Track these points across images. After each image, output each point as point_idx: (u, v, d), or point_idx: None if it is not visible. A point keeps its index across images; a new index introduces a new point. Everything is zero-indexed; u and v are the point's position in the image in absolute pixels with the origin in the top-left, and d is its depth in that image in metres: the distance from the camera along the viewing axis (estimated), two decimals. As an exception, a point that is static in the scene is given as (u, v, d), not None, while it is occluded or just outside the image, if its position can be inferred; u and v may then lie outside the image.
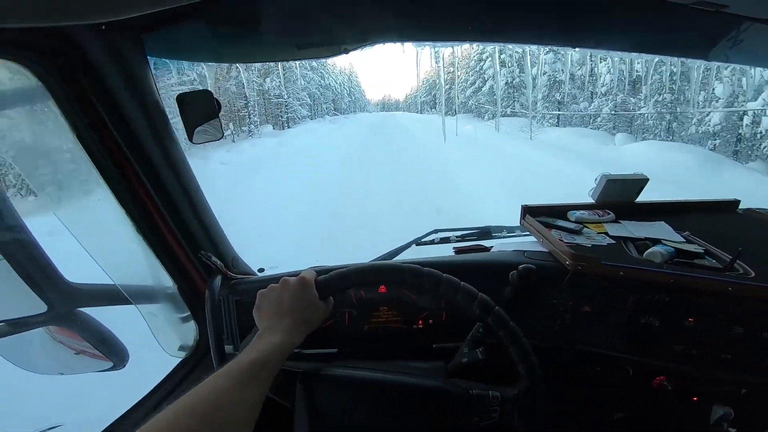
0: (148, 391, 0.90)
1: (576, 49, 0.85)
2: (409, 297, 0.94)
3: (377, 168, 9.70)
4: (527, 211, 1.04)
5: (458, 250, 1.07)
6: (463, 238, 1.15)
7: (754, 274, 0.78)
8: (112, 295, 0.86)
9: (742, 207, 1.09)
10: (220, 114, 0.78)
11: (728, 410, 0.81)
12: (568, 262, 0.84)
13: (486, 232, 1.16)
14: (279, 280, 0.98)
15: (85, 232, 0.73)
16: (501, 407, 0.63)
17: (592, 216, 0.99)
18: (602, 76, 16.83)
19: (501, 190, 6.59)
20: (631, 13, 0.72)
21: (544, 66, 19.39)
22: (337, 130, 23.13)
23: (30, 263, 0.73)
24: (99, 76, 0.61)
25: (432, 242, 1.17)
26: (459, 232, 1.17)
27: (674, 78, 13.76)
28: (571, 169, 8.52)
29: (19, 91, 0.58)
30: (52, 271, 0.77)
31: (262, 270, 1.11)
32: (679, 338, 0.81)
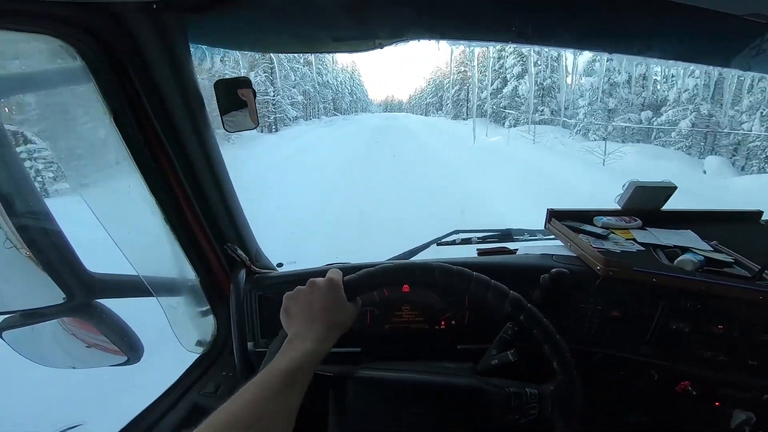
0: (165, 389, 0.87)
1: (613, 54, 0.85)
2: (432, 297, 0.93)
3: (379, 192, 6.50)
4: (553, 215, 1.04)
5: (482, 252, 1.06)
6: (484, 240, 1.15)
7: None
8: (133, 287, 0.83)
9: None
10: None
11: (750, 415, 0.83)
12: (599, 267, 0.84)
13: (507, 235, 1.16)
14: (302, 277, 0.96)
15: (113, 220, 0.70)
16: (539, 404, 0.63)
17: (619, 222, 0.99)
18: (678, 80, 13.10)
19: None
20: (677, 21, 0.71)
21: (594, 64, 15.96)
22: (329, 135, 18.70)
23: (52, 251, 0.70)
24: (143, 59, 0.59)
25: (453, 243, 1.16)
26: (480, 234, 1.16)
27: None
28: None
29: (58, 71, 0.55)
30: (74, 260, 0.74)
31: (281, 265, 1.09)
32: (708, 344, 0.82)
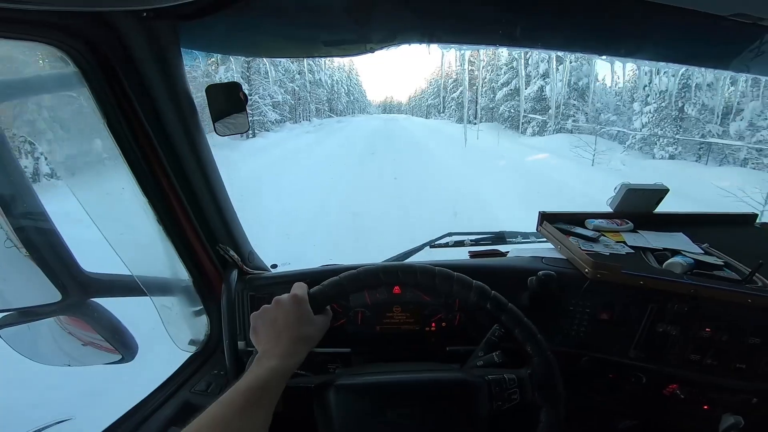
0: (156, 386, 0.88)
1: (603, 57, 0.86)
2: (423, 298, 0.94)
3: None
4: (545, 218, 1.05)
5: (473, 254, 1.07)
6: (477, 242, 1.15)
7: None
8: (127, 286, 0.85)
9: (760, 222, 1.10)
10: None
11: (738, 419, 0.83)
12: (587, 270, 0.84)
13: (500, 237, 1.16)
14: (294, 278, 0.97)
15: (108, 220, 0.72)
16: (519, 388, 0.64)
17: (611, 225, 0.99)
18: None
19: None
20: (665, 23, 0.72)
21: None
22: (311, 146, 14.13)
23: (49, 251, 0.72)
24: (135, 65, 0.61)
25: (446, 245, 1.17)
26: (473, 236, 1.17)
27: None
28: None
29: (52, 76, 0.57)
30: (70, 259, 0.76)
31: (275, 266, 1.10)
32: (696, 347, 0.81)
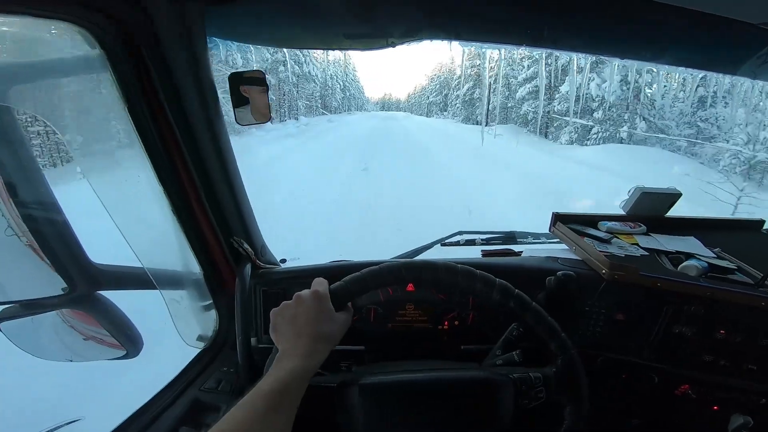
0: (166, 384, 0.85)
1: (624, 60, 0.86)
2: (437, 296, 0.93)
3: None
4: (558, 219, 1.05)
5: (486, 253, 1.07)
6: (488, 242, 1.15)
7: None
8: (136, 279, 0.82)
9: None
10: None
11: (747, 419, 0.84)
12: (604, 271, 0.85)
13: (511, 237, 1.16)
14: (307, 274, 0.95)
15: (121, 208, 0.69)
16: (545, 387, 0.63)
17: (624, 227, 1.00)
18: None
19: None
20: (690, 27, 0.73)
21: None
22: (284, 158, 10.53)
23: (57, 241, 0.68)
24: (161, 48, 0.58)
25: (457, 243, 1.16)
26: (484, 235, 1.17)
27: None
28: None
29: (71, 58, 0.54)
30: (78, 250, 0.72)
31: (284, 261, 1.08)
32: (710, 349, 0.83)
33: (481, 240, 1.15)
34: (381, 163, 9.55)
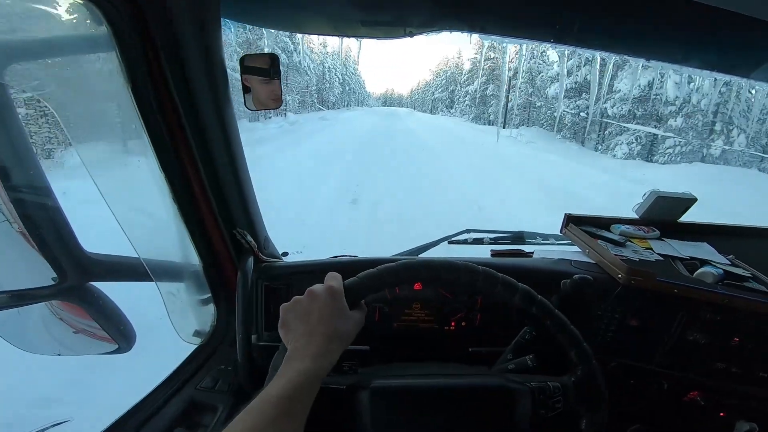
0: (160, 382, 0.81)
1: (650, 61, 0.83)
2: (444, 296, 0.90)
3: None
4: (570, 220, 1.03)
5: (495, 253, 1.04)
6: (496, 241, 1.12)
7: None
8: (131, 269, 0.77)
9: None
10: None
11: (753, 426, 0.84)
12: (620, 275, 0.83)
13: (520, 237, 1.14)
14: (310, 268, 0.91)
15: (118, 195, 0.64)
16: (563, 396, 0.61)
17: (637, 231, 0.98)
18: None
19: None
20: (726, 31, 0.70)
21: None
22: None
23: (48, 228, 0.63)
24: (172, 27, 0.54)
25: (465, 242, 1.14)
26: (492, 234, 1.14)
27: None
28: None
29: (77, 37, 0.50)
30: (71, 238, 0.67)
31: (286, 254, 1.04)
32: (723, 356, 0.82)
33: (490, 239, 1.13)
34: (368, 196, 5.92)
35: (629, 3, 0.75)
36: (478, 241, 1.13)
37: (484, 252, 1.07)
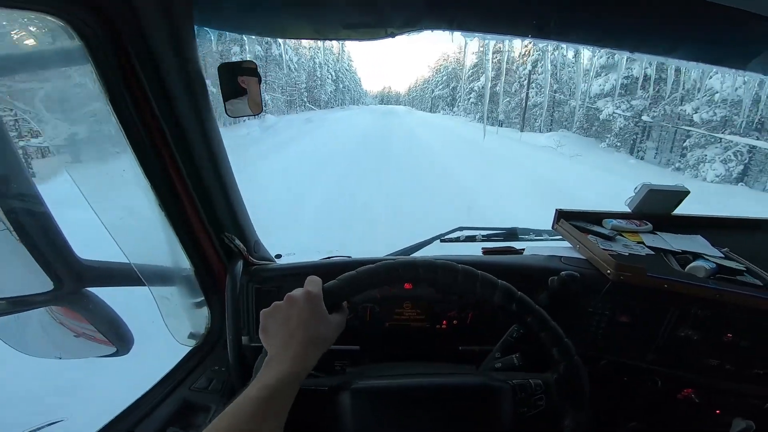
0: (155, 383, 0.83)
1: (634, 54, 0.82)
2: (435, 294, 0.90)
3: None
4: (561, 216, 1.02)
5: (487, 251, 1.04)
6: (489, 238, 1.12)
7: None
8: (124, 275, 0.79)
9: None
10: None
11: (750, 423, 0.82)
12: (609, 271, 0.82)
13: (512, 233, 1.13)
14: (301, 270, 0.93)
15: (105, 203, 0.66)
16: (545, 394, 0.61)
17: (629, 225, 0.97)
18: None
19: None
20: (707, 21, 0.69)
21: None
22: None
23: (41, 236, 0.66)
24: (145, 38, 0.55)
25: (457, 240, 1.14)
26: (485, 232, 1.14)
27: None
28: None
29: (51, 50, 0.52)
30: (64, 246, 0.70)
31: (279, 256, 1.06)
32: (716, 352, 0.80)
33: (482, 236, 1.13)
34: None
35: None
36: (471, 239, 1.13)
37: (475, 249, 1.07)
